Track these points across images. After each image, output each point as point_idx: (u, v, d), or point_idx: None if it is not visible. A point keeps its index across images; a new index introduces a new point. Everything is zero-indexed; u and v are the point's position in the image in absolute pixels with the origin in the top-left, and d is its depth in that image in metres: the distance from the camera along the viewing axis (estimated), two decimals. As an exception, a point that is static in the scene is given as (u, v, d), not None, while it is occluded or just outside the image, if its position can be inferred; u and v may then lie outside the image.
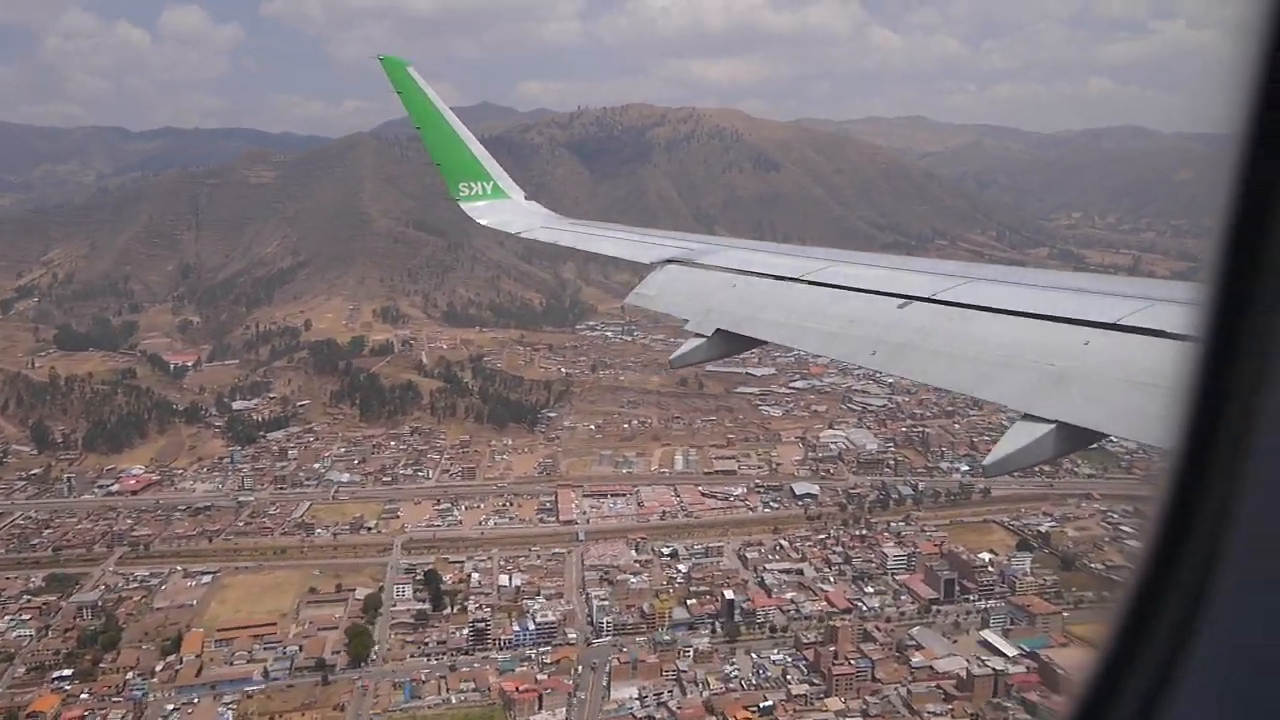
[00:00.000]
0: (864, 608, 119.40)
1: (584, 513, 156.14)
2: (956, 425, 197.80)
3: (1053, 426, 6.18)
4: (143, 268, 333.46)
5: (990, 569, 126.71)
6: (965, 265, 10.79)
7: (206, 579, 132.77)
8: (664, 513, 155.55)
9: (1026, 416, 6.40)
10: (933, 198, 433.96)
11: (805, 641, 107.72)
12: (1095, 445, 6.47)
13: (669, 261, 13.51)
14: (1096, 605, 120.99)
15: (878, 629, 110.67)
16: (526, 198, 22.61)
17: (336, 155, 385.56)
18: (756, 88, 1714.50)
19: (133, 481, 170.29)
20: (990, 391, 7.12)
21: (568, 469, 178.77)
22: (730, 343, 10.71)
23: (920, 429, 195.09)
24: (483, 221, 21.59)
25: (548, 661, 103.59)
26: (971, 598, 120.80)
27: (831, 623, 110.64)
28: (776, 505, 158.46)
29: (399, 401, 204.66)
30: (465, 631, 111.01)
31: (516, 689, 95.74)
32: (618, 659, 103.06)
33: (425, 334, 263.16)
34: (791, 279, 10.81)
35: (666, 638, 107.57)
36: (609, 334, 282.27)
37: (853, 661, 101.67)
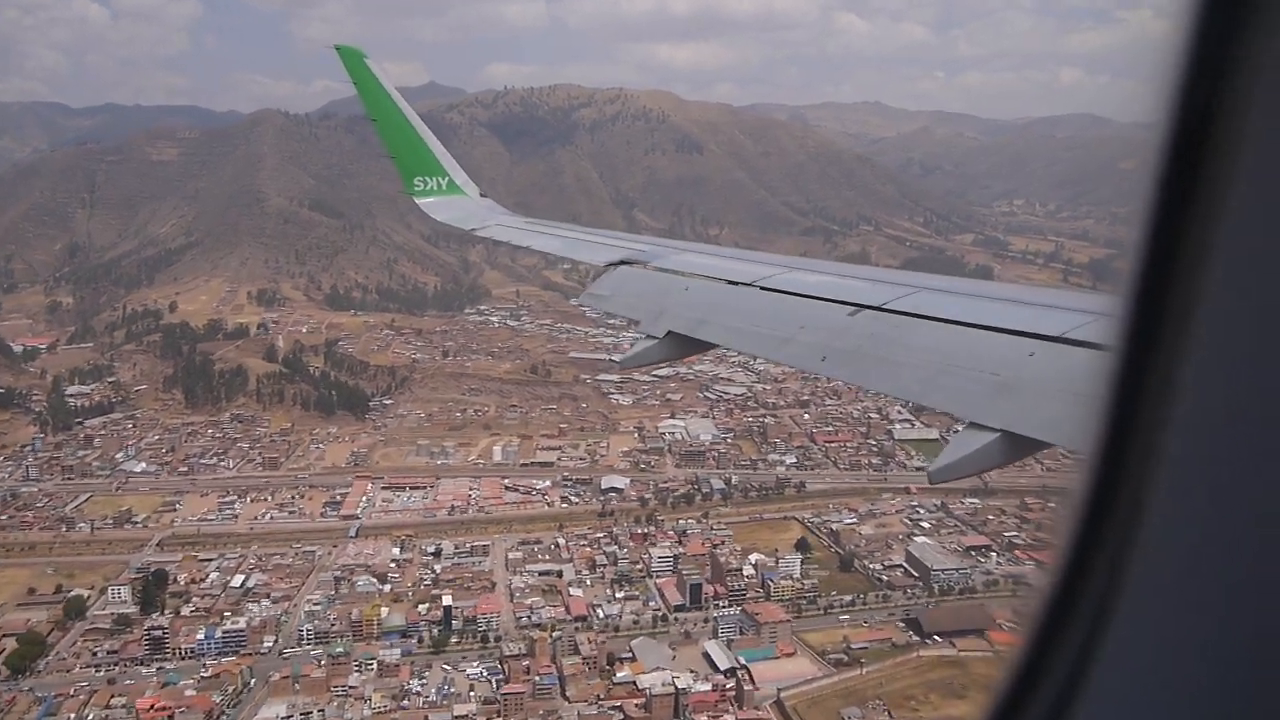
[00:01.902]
0: (601, 615, 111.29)
1: (372, 506, 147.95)
2: (806, 415, 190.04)
3: (997, 435, 6.20)
4: (29, 246, 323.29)
5: (754, 572, 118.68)
6: (916, 275, 10.18)
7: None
8: (454, 507, 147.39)
9: (972, 424, 6.39)
10: (862, 184, 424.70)
11: (508, 654, 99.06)
12: (1037, 454, 6.51)
13: (622, 263, 13.27)
14: (855, 610, 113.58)
15: (593, 640, 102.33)
16: (481, 194, 22.04)
17: (242, 132, 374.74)
18: (723, 73, 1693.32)
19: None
20: (936, 399, 7.24)
21: (380, 459, 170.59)
22: (681, 345, 10.49)
23: (767, 419, 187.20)
24: (436, 217, 21.01)
25: (207, 675, 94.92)
26: (721, 604, 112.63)
27: (531, 635, 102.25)
28: (576, 500, 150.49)
29: (228, 388, 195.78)
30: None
31: (152, 707, 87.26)
32: (279, 674, 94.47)
33: (294, 318, 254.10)
34: (745, 284, 10.72)
35: (339, 650, 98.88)
36: (494, 319, 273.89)
37: (539, 678, 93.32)
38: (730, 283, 10.99)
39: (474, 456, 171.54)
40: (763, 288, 10.39)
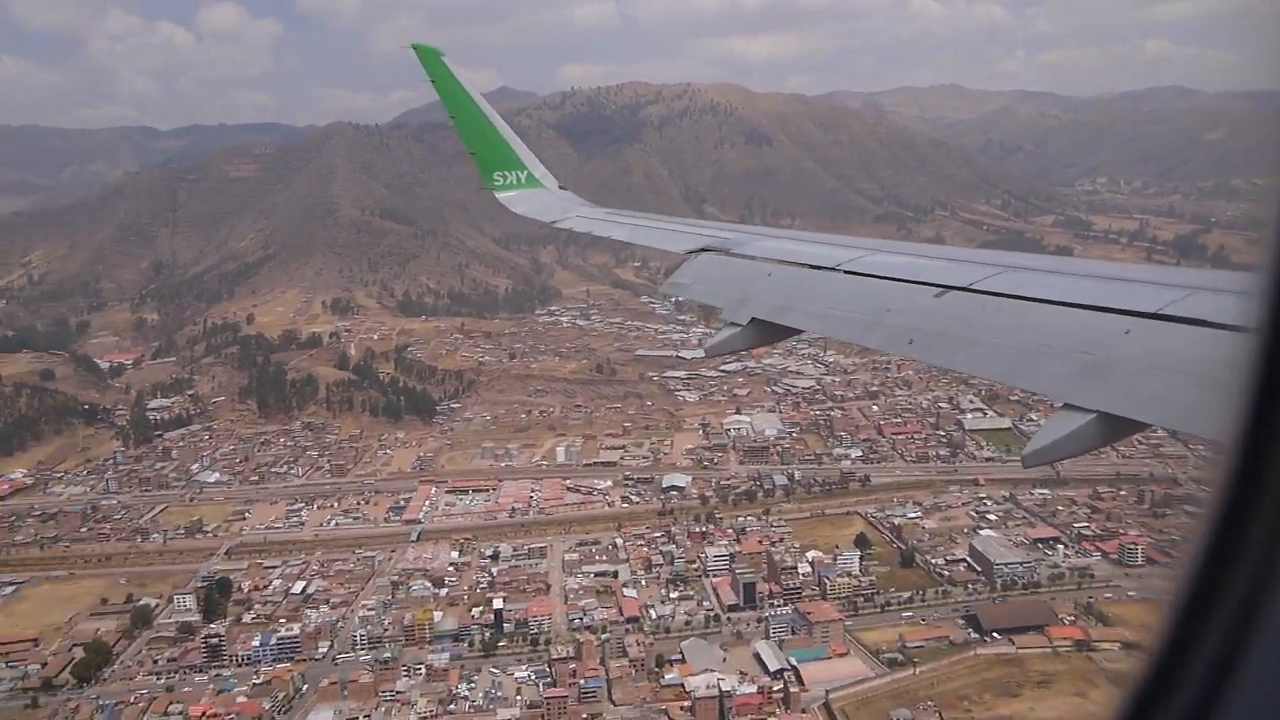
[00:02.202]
0: (654, 616, 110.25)
1: (435, 511, 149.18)
2: (875, 407, 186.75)
3: (1093, 416, 6.04)
4: (116, 266, 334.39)
5: (810, 569, 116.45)
6: (1004, 254, 10.02)
7: (9, 590, 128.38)
8: (515, 509, 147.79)
9: (1067, 406, 6.24)
10: (936, 168, 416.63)
11: (556, 657, 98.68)
12: (1135, 434, 6.32)
13: (703, 250, 13.23)
14: (914, 607, 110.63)
15: (643, 641, 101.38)
16: (561, 187, 22.27)
17: (314, 146, 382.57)
18: (797, 64, 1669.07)
19: (5, 486, 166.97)
20: (1029, 380, 7.16)
21: (445, 463, 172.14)
22: (765, 332, 10.51)
23: (834, 412, 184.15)
24: (517, 210, 21.07)
25: (260, 682, 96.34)
26: (776, 603, 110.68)
27: (580, 637, 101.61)
28: (637, 500, 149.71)
29: (299, 397, 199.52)
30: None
31: (204, 715, 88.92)
32: (328, 680, 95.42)
33: (367, 325, 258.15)
34: (827, 268, 10.56)
35: (387, 655, 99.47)
36: (564, 319, 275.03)
37: (584, 681, 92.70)
38: (813, 267, 10.94)
39: (538, 458, 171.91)
40: (846, 271, 10.31)
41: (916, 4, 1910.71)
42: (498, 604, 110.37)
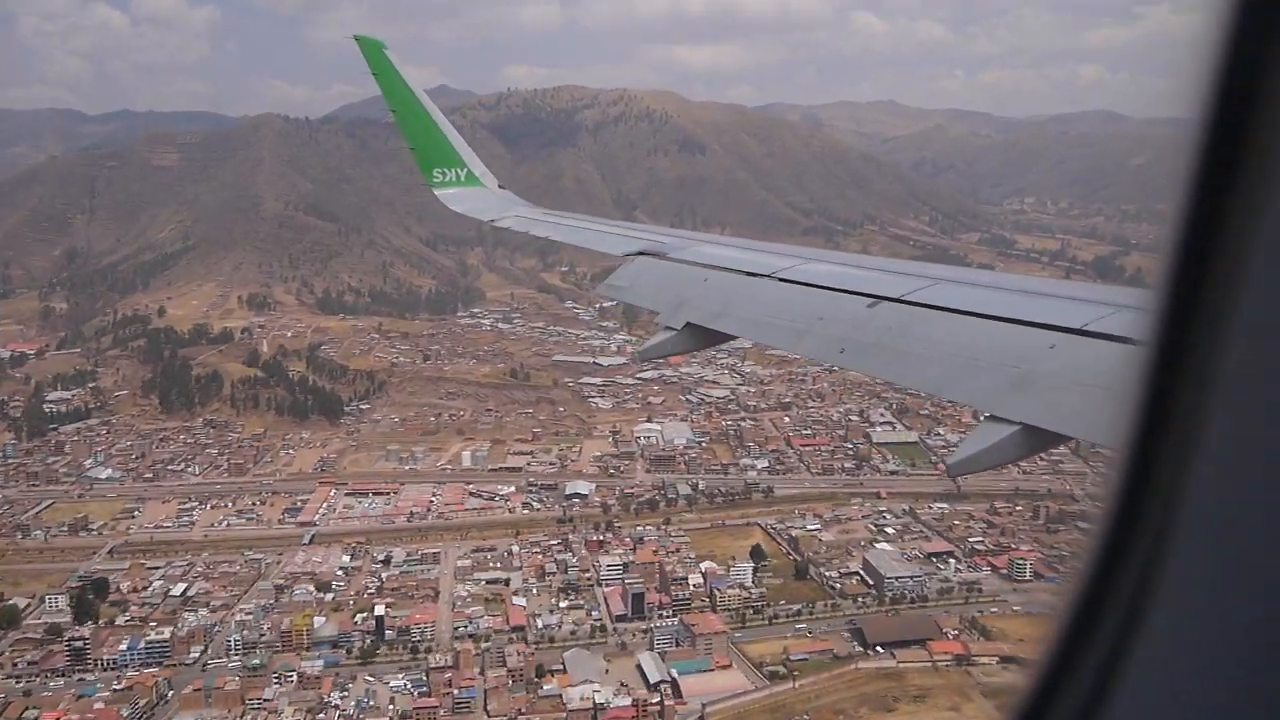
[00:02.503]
0: (540, 625, 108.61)
1: (332, 513, 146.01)
2: (786, 419, 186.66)
3: (1017, 428, 6.16)
4: (27, 253, 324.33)
5: (702, 581, 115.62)
6: (937, 267, 10.42)
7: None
8: (413, 514, 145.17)
9: (991, 417, 6.37)
10: (867, 183, 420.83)
11: (434, 665, 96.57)
12: (1060, 446, 6.50)
13: (641, 254, 13.21)
14: (803, 620, 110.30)
15: (524, 651, 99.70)
16: (500, 186, 22.15)
17: (241, 137, 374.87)
18: (742, 75, 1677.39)
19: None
20: (956, 392, 7.20)
21: (349, 465, 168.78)
22: (700, 336, 10.57)
23: (746, 422, 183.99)
24: (455, 208, 21.00)
25: (120, 687, 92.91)
26: (665, 614, 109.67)
27: (458, 646, 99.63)
28: (539, 506, 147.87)
29: (204, 393, 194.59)
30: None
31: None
32: (193, 686, 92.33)
33: (282, 322, 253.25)
34: (763, 275, 10.67)
35: (256, 662, 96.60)
36: (485, 322, 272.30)
37: (458, 691, 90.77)
38: (748, 274, 10.95)
39: (443, 461, 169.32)
40: (781, 279, 10.37)
41: (859, 20, 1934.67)
42: (380, 610, 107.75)
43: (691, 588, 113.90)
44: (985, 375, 6.94)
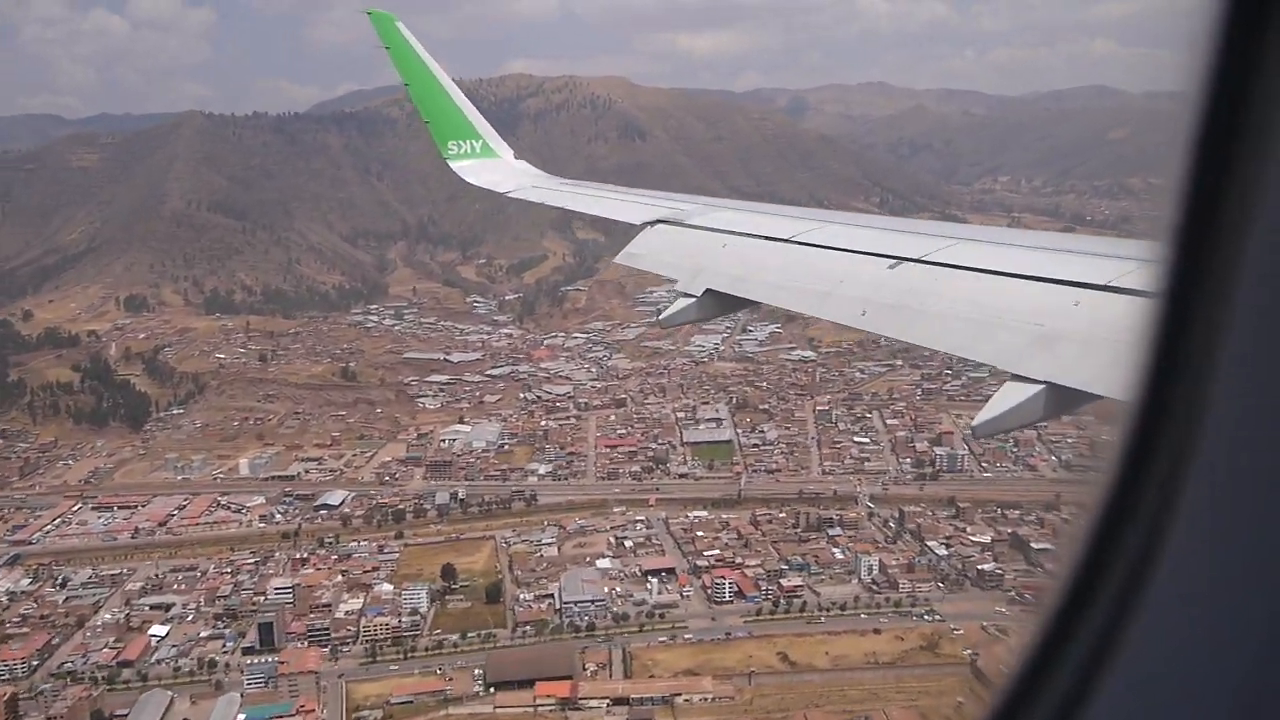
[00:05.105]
0: (153, 660, 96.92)
1: (56, 530, 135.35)
2: (612, 417, 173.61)
3: (1042, 387, 6.10)
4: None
5: (357, 607, 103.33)
6: (958, 226, 10.68)
7: None
8: (139, 529, 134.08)
9: (1015, 377, 6.29)
10: (820, 165, 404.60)
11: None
12: (1085, 405, 6.14)
13: (659, 221, 13.10)
14: (453, 653, 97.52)
15: (84, 693, 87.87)
16: (516, 156, 21.82)
17: (161, 135, 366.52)
18: (745, 59, 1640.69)
19: None
20: (980, 352, 7.12)
21: (124, 475, 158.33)
22: (720, 303, 10.61)
23: (569, 421, 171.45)
24: (471, 180, 20.45)
25: None
26: (300, 645, 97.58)
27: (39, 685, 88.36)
28: (280, 518, 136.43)
29: (6, 400, 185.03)
30: None
31: None
32: None
33: (151, 324, 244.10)
34: (782, 239, 10.67)
35: None
36: (375, 319, 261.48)
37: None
38: (767, 239, 10.96)
39: (224, 470, 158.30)
40: (800, 243, 10.34)
41: (862, 2, 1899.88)
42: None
43: (341, 614, 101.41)
44: (1008, 334, 6.80)
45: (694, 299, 10.49)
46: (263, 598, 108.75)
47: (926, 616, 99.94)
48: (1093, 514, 2.03)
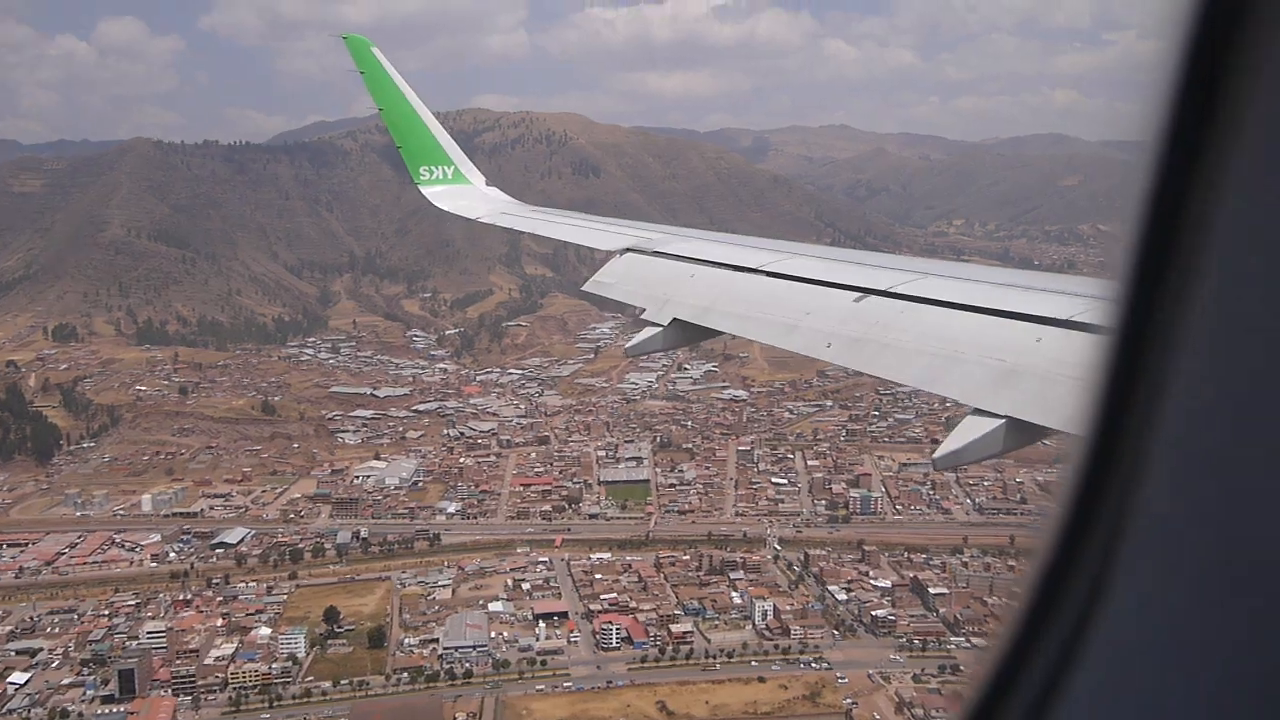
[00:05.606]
0: (2, 710, 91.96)
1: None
2: (533, 454, 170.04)
3: (1002, 422, 6.15)
4: None
5: (230, 652, 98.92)
6: (924, 261, 10.99)
7: None
8: (22, 569, 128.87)
9: (977, 411, 6.34)
10: (772, 205, 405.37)
11: None
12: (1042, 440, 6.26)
13: (627, 250, 13.06)
14: (319, 702, 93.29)
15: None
16: (487, 184, 22.22)
17: (108, 162, 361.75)
18: (713, 101, 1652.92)
19: None
20: (942, 386, 7.13)
21: (21, 511, 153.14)
22: (686, 332, 10.62)
23: (486, 459, 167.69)
24: (442, 206, 20.99)
25: None
26: (164, 693, 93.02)
27: None
28: (174, 557, 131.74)
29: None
30: None
31: None
32: None
33: (76, 355, 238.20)
34: (749, 269, 10.63)
35: None
36: (308, 352, 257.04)
37: None
38: (735, 268, 10.88)
39: (125, 506, 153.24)
40: (767, 273, 10.33)
41: (830, 46, 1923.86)
42: None
43: (211, 660, 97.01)
44: (971, 368, 6.83)
45: (660, 328, 10.47)
46: (135, 642, 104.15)
47: (814, 664, 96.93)
48: (1051, 536, 2.05)
